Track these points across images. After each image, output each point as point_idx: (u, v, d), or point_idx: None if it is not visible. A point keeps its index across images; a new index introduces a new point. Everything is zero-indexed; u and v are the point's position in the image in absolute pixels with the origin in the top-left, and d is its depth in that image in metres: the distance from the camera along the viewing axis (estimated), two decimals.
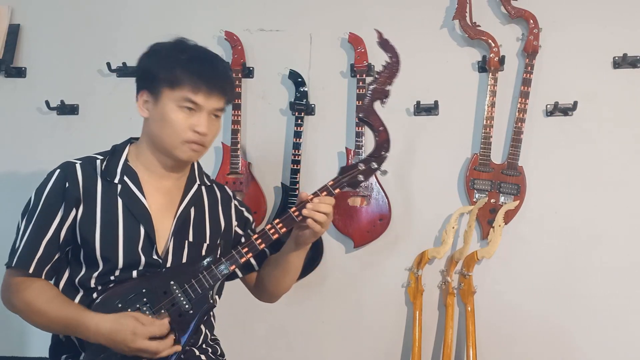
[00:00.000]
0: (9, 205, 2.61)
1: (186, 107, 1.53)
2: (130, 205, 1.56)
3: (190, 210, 1.65)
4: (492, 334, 2.40)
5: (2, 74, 2.64)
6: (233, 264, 1.57)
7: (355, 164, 1.61)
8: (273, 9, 2.60)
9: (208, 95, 1.53)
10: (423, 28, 2.52)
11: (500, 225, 2.34)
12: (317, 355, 2.52)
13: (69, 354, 1.59)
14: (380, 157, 1.60)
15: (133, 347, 1.44)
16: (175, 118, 1.53)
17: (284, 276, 1.70)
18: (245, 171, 2.48)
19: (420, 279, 2.41)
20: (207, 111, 1.55)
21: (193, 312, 1.53)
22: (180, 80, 1.52)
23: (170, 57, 1.55)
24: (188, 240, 1.62)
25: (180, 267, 1.57)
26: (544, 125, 2.44)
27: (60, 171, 1.58)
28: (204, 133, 1.54)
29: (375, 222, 2.43)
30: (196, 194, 1.67)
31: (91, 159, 1.62)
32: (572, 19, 2.46)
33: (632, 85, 2.42)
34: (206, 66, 1.55)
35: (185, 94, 1.52)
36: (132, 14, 2.65)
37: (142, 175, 1.61)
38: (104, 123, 2.60)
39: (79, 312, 1.49)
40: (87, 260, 1.54)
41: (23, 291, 1.52)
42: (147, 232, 1.56)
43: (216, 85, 1.54)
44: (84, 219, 1.54)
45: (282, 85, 2.57)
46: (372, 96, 1.61)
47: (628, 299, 2.38)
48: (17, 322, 2.56)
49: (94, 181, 1.57)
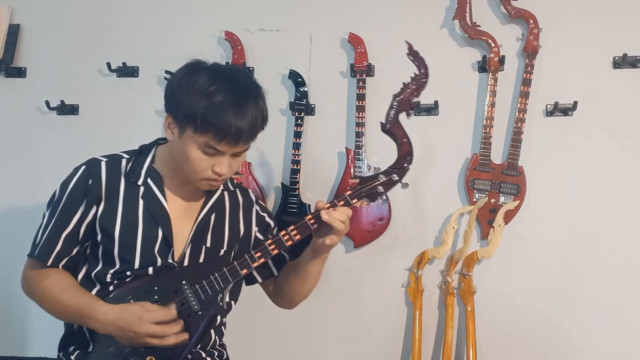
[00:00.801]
0: (9, 205, 2.62)
1: (209, 152, 1.49)
2: (151, 208, 1.57)
3: (211, 216, 1.65)
4: (492, 334, 2.40)
5: (2, 74, 2.64)
6: (244, 268, 1.56)
7: (376, 175, 1.58)
8: (273, 9, 2.60)
9: (233, 145, 1.48)
10: (423, 28, 2.52)
11: (500, 225, 2.34)
12: (317, 355, 2.52)
13: (77, 345, 1.61)
14: (402, 169, 1.58)
15: (139, 332, 1.45)
16: (195, 158, 1.49)
17: (302, 283, 1.68)
18: (245, 171, 2.49)
19: (420, 279, 2.41)
20: (230, 154, 1.51)
21: (202, 313, 1.53)
22: (205, 128, 1.45)
23: (200, 97, 1.46)
24: (205, 245, 1.62)
25: (193, 268, 1.58)
26: (544, 125, 2.44)
27: (85, 167, 1.59)
28: (224, 174, 1.52)
29: (375, 222, 2.43)
30: (218, 199, 1.67)
31: (117, 158, 1.62)
32: (572, 19, 2.46)
33: (632, 85, 2.42)
34: (236, 115, 1.45)
35: (209, 141, 1.46)
36: (132, 14, 2.65)
37: (166, 178, 1.61)
38: (104, 123, 2.61)
39: (90, 301, 1.52)
40: (105, 257, 1.57)
41: (41, 281, 1.57)
42: (165, 235, 1.57)
43: (242, 135, 1.48)
44: (104, 217, 1.55)
45: (282, 85, 2.57)
46: (397, 107, 1.60)
47: (628, 298, 2.38)
48: (17, 322, 2.58)
49: (117, 180, 1.58)
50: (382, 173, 1.58)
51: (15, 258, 2.56)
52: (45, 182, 2.57)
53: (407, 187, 1.62)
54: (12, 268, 2.58)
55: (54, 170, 2.57)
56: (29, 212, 2.56)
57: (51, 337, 1.73)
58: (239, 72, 1.57)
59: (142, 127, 2.58)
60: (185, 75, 1.51)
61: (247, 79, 1.55)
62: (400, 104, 1.60)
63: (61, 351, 1.63)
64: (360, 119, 2.44)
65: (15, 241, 2.56)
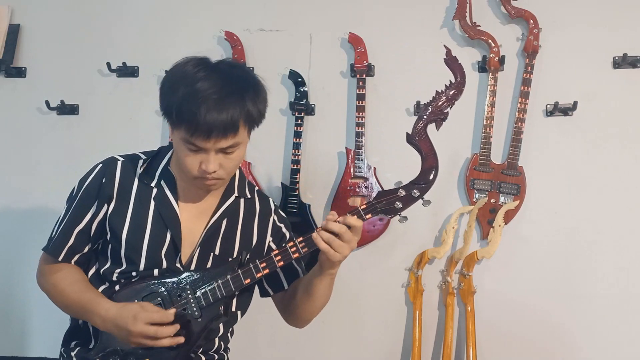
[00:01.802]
0: (9, 205, 2.62)
1: (190, 148, 1.43)
2: (161, 210, 1.56)
3: (222, 222, 1.61)
4: (492, 334, 2.40)
5: (2, 74, 2.64)
6: (248, 278, 1.51)
7: (395, 189, 1.46)
8: (273, 9, 2.60)
9: (206, 139, 1.39)
10: (423, 28, 2.52)
11: (500, 225, 2.34)
12: (317, 355, 2.52)
13: (79, 340, 1.61)
14: (426, 184, 1.46)
15: (133, 331, 1.44)
16: (183, 157, 1.46)
17: (307, 300, 1.59)
18: (245, 171, 2.48)
19: (420, 279, 2.41)
20: (214, 150, 1.43)
21: (201, 320, 1.51)
22: (179, 121, 1.40)
23: (171, 92, 1.42)
24: (214, 253, 1.60)
25: (198, 273, 1.55)
26: (544, 125, 2.44)
27: (102, 166, 1.59)
28: (212, 172, 1.44)
29: (375, 222, 2.43)
30: (231, 206, 1.62)
31: (134, 158, 1.61)
32: (572, 19, 2.46)
33: (632, 85, 2.42)
34: (208, 108, 1.37)
35: (183, 135, 1.41)
36: (131, 14, 2.65)
37: (180, 181, 1.58)
38: (104, 123, 2.61)
39: (94, 297, 1.52)
40: (113, 256, 1.57)
41: (52, 274, 1.58)
42: (173, 238, 1.55)
43: (215, 129, 1.38)
44: (114, 216, 1.55)
45: (282, 85, 2.57)
46: (427, 118, 1.48)
47: (628, 298, 2.38)
48: (17, 322, 2.58)
49: (131, 181, 1.57)
50: (402, 188, 1.45)
51: (15, 258, 2.58)
52: (45, 182, 2.57)
53: (429, 204, 1.45)
54: (12, 268, 2.59)
55: (53, 170, 2.59)
56: (29, 212, 2.56)
57: (51, 337, 1.73)
58: (233, 65, 1.49)
59: (142, 127, 2.58)
60: (172, 69, 1.48)
61: (240, 72, 1.48)
62: (432, 115, 1.47)
63: (63, 346, 1.64)
64: (360, 119, 2.44)
65: (15, 241, 2.57)
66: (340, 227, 1.43)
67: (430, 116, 1.47)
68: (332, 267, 1.50)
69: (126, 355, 1.51)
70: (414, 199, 1.45)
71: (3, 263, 2.56)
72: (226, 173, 1.49)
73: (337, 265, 1.51)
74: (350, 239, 1.45)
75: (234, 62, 1.52)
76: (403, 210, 1.46)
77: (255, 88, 1.47)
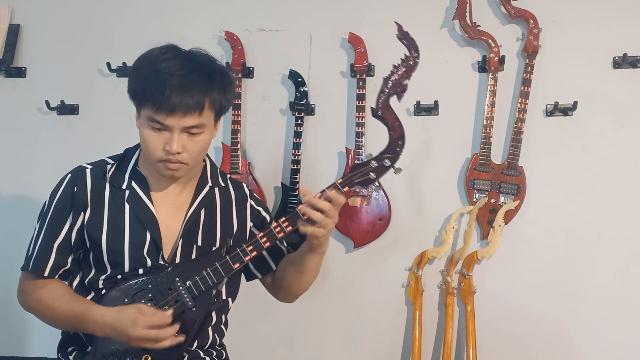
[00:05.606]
0: (10, 205, 2.62)
1: (154, 126, 1.46)
2: (137, 211, 1.56)
3: (200, 212, 1.62)
4: (492, 334, 2.40)
5: (2, 74, 2.64)
6: (237, 262, 1.53)
7: (368, 161, 1.52)
8: (273, 9, 2.60)
9: (170, 114, 1.43)
10: (423, 28, 2.51)
11: (500, 225, 2.34)
12: (317, 355, 2.52)
13: (75, 346, 1.61)
14: (395, 153, 1.52)
15: (133, 336, 1.44)
16: (147, 137, 1.48)
17: (299, 276, 1.65)
18: (246, 171, 2.49)
19: (420, 279, 2.41)
20: (178, 129, 1.45)
21: (196, 309, 1.52)
22: (143, 98, 1.44)
23: (138, 70, 1.48)
24: (196, 244, 1.61)
25: (185, 264, 1.57)
26: (544, 125, 2.44)
27: (70, 176, 1.60)
28: (175, 152, 1.46)
29: (375, 222, 2.43)
30: (207, 196, 1.64)
31: (102, 164, 1.62)
32: (572, 19, 2.46)
33: (632, 85, 2.42)
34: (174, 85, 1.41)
35: (149, 113, 1.44)
36: (131, 14, 2.65)
37: (152, 179, 1.59)
38: (104, 123, 2.60)
39: (86, 306, 1.52)
40: (96, 263, 1.57)
41: (36, 290, 1.57)
42: (153, 237, 1.56)
43: (180, 105, 1.42)
44: (91, 223, 1.55)
45: (282, 85, 2.57)
46: (389, 91, 1.54)
47: (628, 299, 2.38)
48: (17, 322, 2.58)
49: (102, 186, 1.58)
50: (374, 159, 1.52)
51: (15, 258, 2.56)
52: (45, 182, 2.54)
53: (401, 172, 1.52)
54: (12, 268, 2.57)
55: (53, 171, 2.57)
56: (29, 212, 2.54)
57: (51, 337, 1.73)
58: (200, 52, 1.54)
59: None
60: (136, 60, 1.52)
61: (206, 58, 1.52)
62: (391, 87, 1.54)
63: (60, 352, 1.64)
64: (360, 119, 2.44)
65: (15, 241, 2.57)
66: (324, 203, 1.47)
67: (391, 89, 1.55)
68: (320, 245, 1.54)
69: (124, 354, 1.51)
70: (386, 168, 1.52)
71: (3, 263, 2.56)
72: (190, 157, 1.50)
73: (326, 243, 1.54)
74: (334, 214, 1.49)
75: (203, 50, 1.55)
76: (377, 180, 1.53)
77: (221, 73, 1.51)
